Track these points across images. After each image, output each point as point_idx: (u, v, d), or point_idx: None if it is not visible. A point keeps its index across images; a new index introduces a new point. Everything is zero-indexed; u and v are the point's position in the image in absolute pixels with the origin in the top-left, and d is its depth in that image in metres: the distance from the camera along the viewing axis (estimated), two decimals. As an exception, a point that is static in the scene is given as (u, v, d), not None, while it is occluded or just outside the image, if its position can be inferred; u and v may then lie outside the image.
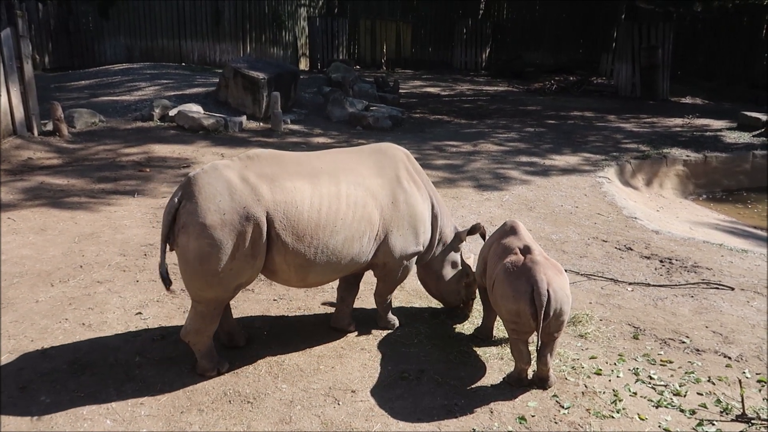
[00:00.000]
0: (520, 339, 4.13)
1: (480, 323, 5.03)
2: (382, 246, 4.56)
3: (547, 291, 3.91)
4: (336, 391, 4.17)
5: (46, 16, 19.14)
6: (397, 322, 5.05)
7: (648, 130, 14.30)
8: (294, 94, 14.26)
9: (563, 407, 4.06)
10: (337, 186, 4.30)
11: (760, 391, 4.36)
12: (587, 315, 5.34)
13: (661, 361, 4.71)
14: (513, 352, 4.23)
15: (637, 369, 4.56)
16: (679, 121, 15.56)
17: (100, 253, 6.31)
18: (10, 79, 9.81)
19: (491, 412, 3.99)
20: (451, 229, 5.10)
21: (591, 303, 5.67)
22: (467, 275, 5.14)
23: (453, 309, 5.33)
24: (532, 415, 3.97)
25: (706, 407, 4.14)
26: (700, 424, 3.95)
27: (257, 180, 4.06)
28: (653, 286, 6.12)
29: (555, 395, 4.19)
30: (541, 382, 4.22)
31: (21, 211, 7.48)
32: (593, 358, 4.70)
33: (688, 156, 12.06)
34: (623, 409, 4.07)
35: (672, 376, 4.52)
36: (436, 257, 5.07)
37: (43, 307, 5.16)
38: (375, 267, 4.73)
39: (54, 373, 4.24)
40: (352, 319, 4.98)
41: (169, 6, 20.77)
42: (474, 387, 4.26)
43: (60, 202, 7.84)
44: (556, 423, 3.91)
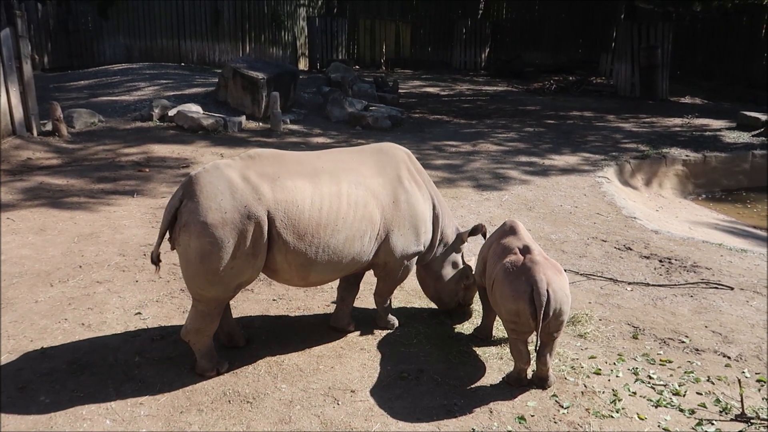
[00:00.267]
0: (520, 339, 4.14)
1: (479, 323, 5.03)
2: (383, 245, 4.56)
3: (547, 291, 3.92)
4: (335, 391, 4.17)
5: (46, 16, 19.13)
6: (396, 322, 5.05)
7: (647, 130, 14.31)
8: (293, 94, 14.26)
9: (563, 407, 4.06)
10: (338, 185, 4.30)
11: (759, 390, 4.36)
12: (587, 315, 5.34)
13: (660, 360, 4.72)
14: (512, 352, 4.24)
15: (637, 369, 4.57)
16: (678, 120, 15.57)
17: (99, 253, 6.31)
18: (10, 79, 9.81)
19: (490, 412, 3.99)
20: (452, 230, 5.09)
21: (590, 303, 5.67)
22: (467, 277, 5.13)
23: (451, 309, 5.31)
24: (532, 415, 3.97)
25: (705, 407, 4.14)
26: (700, 424, 3.95)
27: (258, 179, 4.06)
28: (652, 285, 6.12)
29: (554, 395, 4.19)
30: (540, 381, 4.23)
31: (20, 211, 7.47)
32: (593, 357, 4.71)
33: (687, 156, 12.07)
34: (623, 408, 4.08)
35: (671, 375, 4.52)
36: (437, 257, 5.06)
37: (42, 307, 5.16)
38: (376, 266, 4.73)
39: (53, 373, 4.24)
40: (352, 319, 4.98)
41: (168, 6, 20.77)
42: (473, 387, 4.26)
43: (59, 202, 7.84)
44: (555, 423, 3.91)
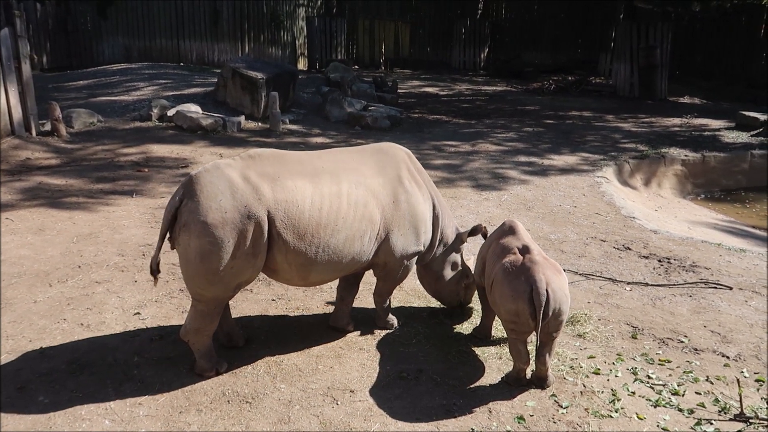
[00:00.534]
0: (519, 339, 4.14)
1: (478, 323, 5.03)
2: (383, 245, 4.56)
3: (546, 291, 3.92)
4: (334, 391, 4.17)
5: (45, 15, 19.11)
6: (396, 322, 5.04)
7: (646, 130, 14.31)
8: (292, 94, 14.25)
9: (562, 407, 4.07)
10: (338, 185, 4.30)
11: (758, 390, 4.37)
12: (586, 314, 5.34)
13: (659, 360, 4.72)
14: (512, 352, 4.24)
15: (636, 368, 4.57)
16: (677, 120, 15.57)
17: (98, 254, 6.30)
18: (8, 79, 9.81)
19: (490, 412, 3.99)
20: (452, 230, 5.10)
21: (589, 302, 5.67)
22: (467, 276, 5.15)
23: (451, 309, 5.33)
24: (531, 415, 3.98)
25: (704, 406, 4.15)
26: (699, 424, 3.95)
27: (259, 179, 4.06)
28: (651, 285, 6.12)
29: (553, 395, 4.19)
30: (539, 381, 4.23)
31: (19, 211, 7.47)
32: (592, 357, 4.71)
33: (686, 156, 12.07)
34: (622, 408, 4.08)
35: (670, 375, 4.53)
36: (437, 257, 5.07)
37: (41, 307, 5.16)
38: (375, 266, 4.73)
39: (52, 373, 4.23)
40: (351, 319, 4.98)
41: (167, 6, 20.76)
42: (472, 387, 4.27)
43: (58, 203, 7.84)
44: (554, 423, 3.91)
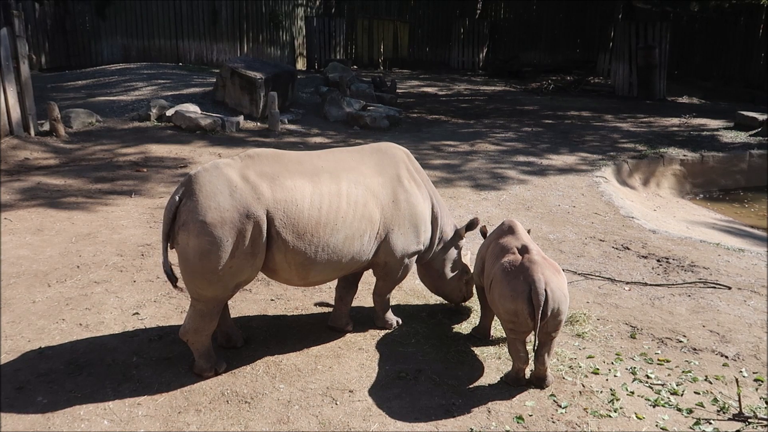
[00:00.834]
0: (518, 338, 4.15)
1: (477, 323, 5.03)
2: (383, 245, 4.57)
3: (545, 290, 3.93)
4: (334, 391, 4.17)
5: (43, 15, 19.10)
6: (395, 322, 5.04)
7: (645, 130, 14.32)
8: (291, 94, 14.25)
9: (561, 406, 4.07)
10: (337, 184, 4.31)
11: (756, 390, 4.37)
12: (585, 314, 5.35)
13: (658, 360, 4.72)
14: (510, 352, 4.25)
15: (635, 368, 4.57)
16: (676, 120, 15.58)
17: (97, 254, 6.30)
18: (7, 79, 9.80)
19: (489, 412, 3.99)
20: (451, 228, 5.11)
21: (588, 302, 5.67)
22: (467, 272, 5.18)
23: (455, 305, 5.36)
24: (530, 415, 3.98)
25: (703, 406, 4.15)
26: (697, 423, 3.96)
27: (258, 179, 4.07)
28: (650, 285, 6.13)
29: (552, 395, 4.19)
30: (538, 381, 4.24)
31: (18, 211, 7.46)
32: (591, 357, 4.71)
33: (685, 155, 12.08)
34: (620, 408, 4.08)
35: (669, 375, 4.53)
36: (437, 255, 5.08)
37: (40, 307, 5.15)
38: (376, 266, 4.74)
39: (51, 373, 4.23)
40: (350, 319, 4.98)
41: (166, 6, 20.74)
42: (471, 387, 4.27)
43: (57, 203, 7.83)
44: (553, 422, 3.92)
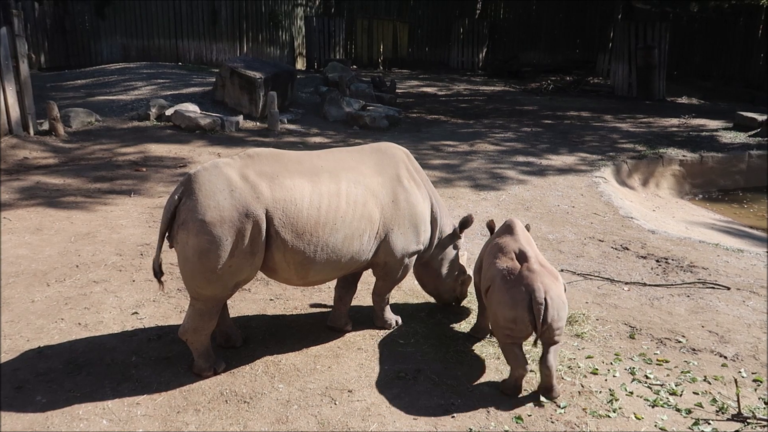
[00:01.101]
0: (516, 343, 4.07)
1: (475, 322, 5.03)
2: (382, 244, 4.57)
3: (545, 299, 3.91)
4: (333, 390, 4.17)
5: (43, 15, 19.08)
6: (394, 321, 5.04)
7: (644, 130, 14.32)
8: (291, 94, 14.24)
9: (560, 407, 4.07)
10: (337, 184, 4.31)
11: (755, 390, 4.38)
12: (584, 315, 5.35)
13: (657, 360, 4.72)
14: (508, 359, 4.11)
15: (634, 368, 4.58)
16: (675, 121, 15.59)
17: (96, 253, 6.29)
18: (6, 79, 9.79)
19: (488, 412, 3.99)
20: (450, 228, 5.12)
21: (587, 303, 5.68)
22: (463, 273, 5.19)
23: (447, 305, 5.37)
24: (529, 415, 3.98)
25: (702, 406, 4.15)
26: (696, 424, 3.96)
27: (257, 178, 4.07)
28: (649, 285, 6.13)
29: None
30: (546, 392, 4.08)
31: (17, 210, 7.46)
32: (590, 357, 4.71)
33: (684, 156, 12.09)
34: (619, 408, 4.08)
35: (668, 375, 4.53)
36: (435, 255, 5.08)
37: (39, 306, 5.15)
38: (375, 266, 4.74)
39: (50, 372, 4.23)
40: (349, 319, 4.98)
41: (165, 5, 20.72)
42: (471, 387, 4.27)
43: (56, 202, 7.83)
44: (552, 422, 3.92)
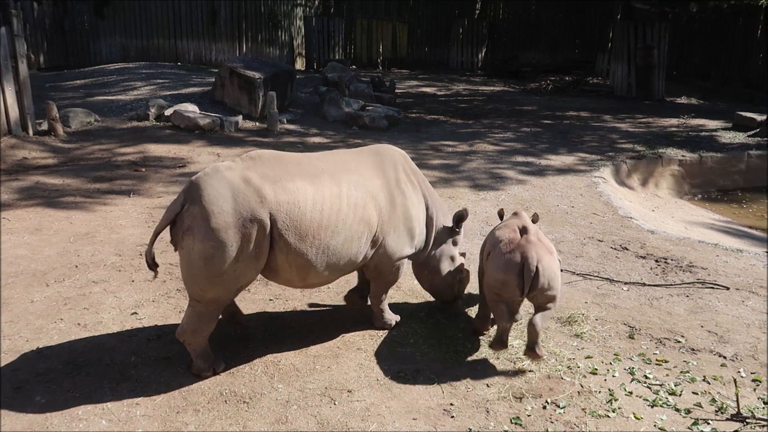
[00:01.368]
0: (501, 300, 4.43)
1: (473, 319, 5.05)
2: (377, 247, 4.59)
3: (537, 267, 4.27)
4: (332, 390, 4.17)
5: (42, 15, 19.07)
6: (393, 322, 5.04)
7: (643, 130, 14.33)
8: (290, 94, 14.24)
9: (559, 407, 4.07)
10: (338, 187, 4.33)
11: (755, 390, 4.38)
12: (583, 315, 5.35)
13: (656, 360, 4.73)
14: (495, 313, 4.50)
15: (633, 368, 4.58)
16: (674, 121, 15.59)
17: (95, 253, 6.29)
18: (5, 79, 9.79)
19: (487, 412, 3.99)
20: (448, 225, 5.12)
21: (587, 303, 5.68)
22: (461, 271, 5.20)
23: (445, 303, 5.37)
24: (528, 415, 3.98)
25: (701, 406, 4.15)
26: (696, 424, 3.96)
27: (260, 181, 4.08)
28: (649, 285, 6.13)
29: (551, 395, 4.20)
30: (529, 349, 4.36)
31: (16, 210, 7.45)
32: (589, 357, 4.72)
33: (683, 156, 12.09)
34: (619, 408, 4.09)
35: (667, 375, 4.54)
36: (434, 254, 5.09)
37: (38, 307, 5.15)
38: (367, 268, 4.76)
39: (49, 373, 4.23)
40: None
41: (165, 5, 20.72)
42: (470, 387, 4.27)
43: (55, 202, 7.82)
44: (552, 422, 3.92)
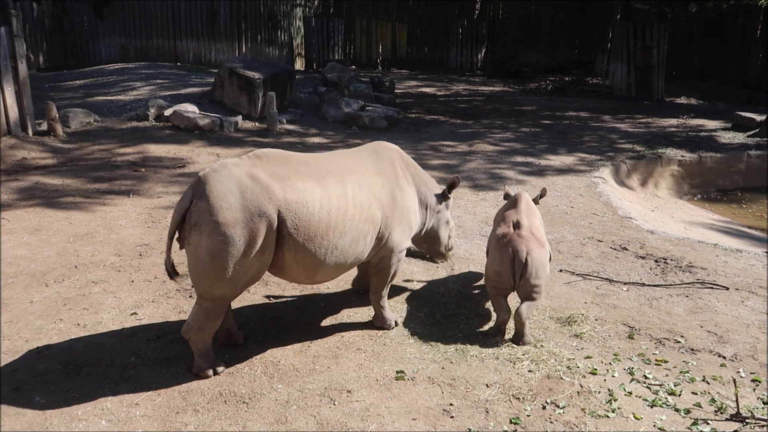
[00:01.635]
0: (501, 294, 4.90)
1: (473, 324, 5.07)
2: (381, 243, 4.67)
3: (526, 259, 4.76)
4: (332, 391, 4.18)
5: (41, 15, 19.06)
6: (393, 322, 5.05)
7: (643, 130, 14.33)
8: (290, 94, 14.24)
9: (558, 407, 4.07)
10: (343, 187, 4.39)
11: (754, 390, 4.38)
12: (582, 315, 5.35)
13: (656, 360, 4.73)
14: (494, 306, 4.97)
15: (632, 368, 4.58)
16: (673, 121, 15.60)
17: (95, 254, 6.29)
18: (5, 79, 9.78)
19: (487, 412, 4.00)
20: (439, 194, 5.38)
21: (586, 303, 5.68)
22: (448, 222, 5.58)
23: (442, 259, 6.03)
24: (528, 415, 3.98)
25: (700, 406, 4.16)
26: (695, 424, 3.96)
27: (268, 179, 4.10)
28: (648, 285, 6.13)
29: (550, 395, 4.20)
30: (516, 336, 4.86)
31: (15, 211, 7.45)
32: (588, 357, 4.72)
33: (682, 156, 12.10)
34: (618, 408, 4.09)
35: (667, 375, 4.54)
36: (431, 227, 5.40)
37: (37, 307, 5.14)
38: (371, 264, 4.87)
39: (49, 373, 4.23)
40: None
41: (164, 5, 20.71)
42: (469, 387, 4.27)
43: (55, 202, 7.82)
44: (551, 423, 3.92)
